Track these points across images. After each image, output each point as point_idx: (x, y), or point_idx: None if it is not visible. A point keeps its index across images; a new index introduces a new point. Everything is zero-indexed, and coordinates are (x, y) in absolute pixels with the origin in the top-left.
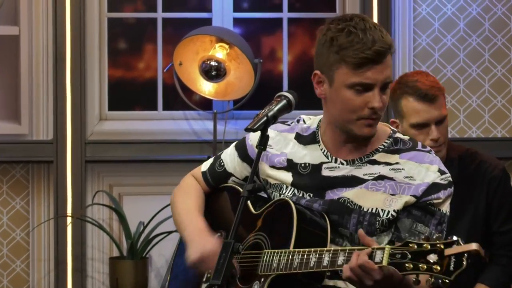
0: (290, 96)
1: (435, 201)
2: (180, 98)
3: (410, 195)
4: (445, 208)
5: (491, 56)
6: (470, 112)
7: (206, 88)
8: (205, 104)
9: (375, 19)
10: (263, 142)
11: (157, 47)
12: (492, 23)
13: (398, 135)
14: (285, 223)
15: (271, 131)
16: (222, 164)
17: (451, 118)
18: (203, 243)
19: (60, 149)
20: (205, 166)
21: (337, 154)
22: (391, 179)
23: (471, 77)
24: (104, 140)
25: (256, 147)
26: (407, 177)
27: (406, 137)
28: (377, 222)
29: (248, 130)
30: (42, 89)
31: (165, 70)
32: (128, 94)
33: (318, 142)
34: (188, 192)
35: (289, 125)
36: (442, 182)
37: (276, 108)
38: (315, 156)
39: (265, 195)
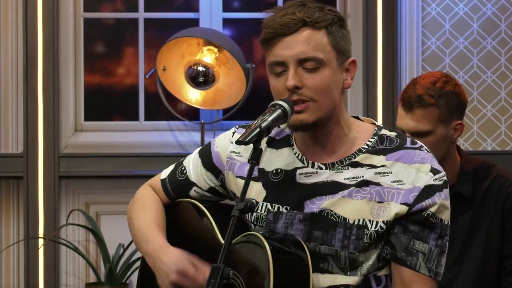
0: (285, 105)
1: (431, 209)
2: (164, 107)
3: (400, 203)
4: (445, 216)
5: (508, 60)
6: (485, 122)
7: (192, 96)
8: (192, 113)
9: (379, 20)
10: (256, 156)
11: (139, 51)
12: (509, 24)
13: (384, 132)
14: (260, 264)
15: (237, 136)
16: (184, 171)
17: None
18: (172, 258)
19: (31, 163)
20: (165, 173)
21: (314, 158)
22: (377, 184)
23: (486, 84)
24: (79, 153)
25: (249, 161)
26: (395, 181)
27: (393, 134)
28: (365, 236)
29: (239, 143)
30: (11, 97)
31: (147, 76)
32: (107, 103)
33: (292, 145)
34: (145, 205)
35: None
36: (436, 183)
37: (270, 119)
38: (288, 160)
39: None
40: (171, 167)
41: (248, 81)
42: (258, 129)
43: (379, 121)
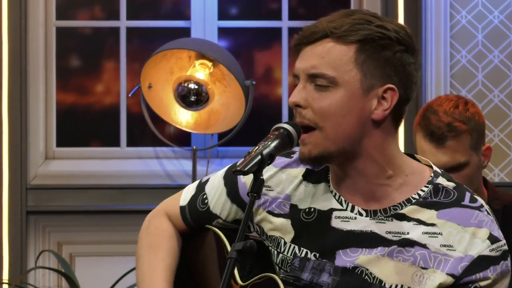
0: (291, 128)
1: (482, 284)
2: (149, 130)
3: (447, 273)
4: None
5: None
6: None
7: (183, 117)
8: (182, 138)
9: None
10: (257, 188)
11: (120, 65)
12: None
13: (441, 180)
14: None
15: (267, 168)
16: (206, 201)
17: (498, 156)
18: None
19: None
20: (184, 198)
21: (353, 200)
22: (424, 246)
23: None
24: (50, 184)
25: (248, 194)
26: (444, 245)
27: (450, 185)
28: None
29: (237, 173)
30: None
31: (130, 95)
32: (82, 126)
33: (328, 181)
34: (156, 244)
35: (292, 156)
36: (492, 254)
37: (273, 145)
38: (324, 199)
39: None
40: (192, 190)
41: (248, 100)
42: (259, 157)
43: (400, 145)
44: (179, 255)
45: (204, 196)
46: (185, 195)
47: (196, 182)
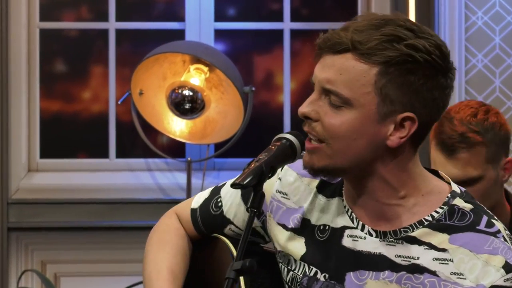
0: (293, 139)
1: None
2: (140, 141)
3: None
4: None
5: None
6: None
7: (176, 127)
8: (176, 149)
9: None
10: (257, 203)
11: (109, 70)
12: None
13: (458, 201)
14: None
15: (288, 171)
16: (220, 204)
17: None
18: None
19: None
20: (197, 200)
21: (364, 219)
22: (434, 273)
23: None
24: (34, 199)
25: (247, 209)
26: (455, 273)
27: (467, 206)
28: None
29: (235, 186)
30: None
31: (119, 102)
32: (68, 136)
33: (342, 195)
34: (164, 242)
35: None
36: (507, 284)
37: (274, 156)
38: (337, 215)
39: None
40: (206, 193)
41: (247, 108)
42: (259, 169)
43: None
44: (189, 258)
45: (219, 199)
46: (198, 198)
47: (210, 188)
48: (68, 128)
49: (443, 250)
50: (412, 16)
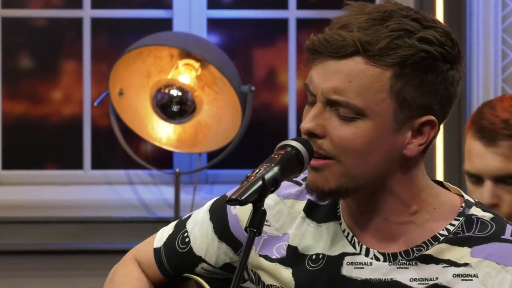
0: (300, 147)
1: None
2: (120, 149)
3: None
4: None
5: None
6: None
7: (163, 133)
8: (162, 159)
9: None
10: (257, 222)
11: (83, 66)
12: None
13: (475, 210)
14: None
15: (269, 198)
16: (187, 240)
17: None
18: None
19: None
20: (160, 238)
21: (367, 241)
22: None
23: None
24: None
25: (246, 229)
26: None
27: (486, 215)
28: None
29: (232, 202)
30: None
31: (95, 104)
32: (35, 143)
33: (338, 218)
34: None
35: (300, 184)
36: None
37: (277, 167)
38: (333, 241)
39: None
40: (170, 229)
41: (245, 111)
42: (260, 183)
43: (439, 171)
44: None
45: (185, 234)
46: (161, 235)
47: (174, 222)
48: (35, 134)
49: (465, 265)
50: (439, 5)
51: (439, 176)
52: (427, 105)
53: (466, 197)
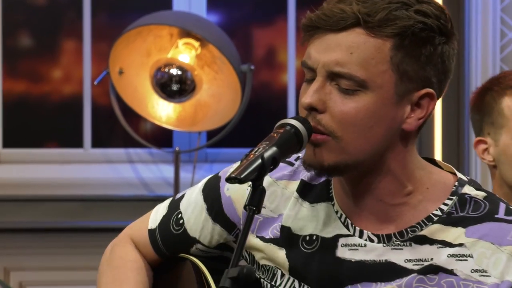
0: (299, 125)
1: None
2: (120, 128)
3: None
4: None
5: None
6: None
7: (162, 111)
8: (162, 137)
9: (438, 2)
10: (257, 200)
11: (83, 45)
12: None
13: (468, 189)
14: None
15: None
16: (181, 221)
17: None
18: None
19: None
20: (154, 219)
21: (361, 223)
22: (451, 272)
23: None
24: None
25: (245, 207)
26: (476, 270)
27: (480, 194)
28: None
29: (231, 180)
30: None
31: (96, 83)
32: (35, 122)
33: (331, 198)
34: (121, 280)
35: (293, 164)
36: None
37: (276, 146)
38: (326, 223)
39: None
40: (164, 209)
41: (245, 90)
42: (260, 162)
43: (437, 153)
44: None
45: (179, 216)
46: (155, 216)
47: (168, 200)
48: (36, 113)
49: (460, 245)
50: None
51: (438, 155)
52: (426, 78)
53: (459, 175)
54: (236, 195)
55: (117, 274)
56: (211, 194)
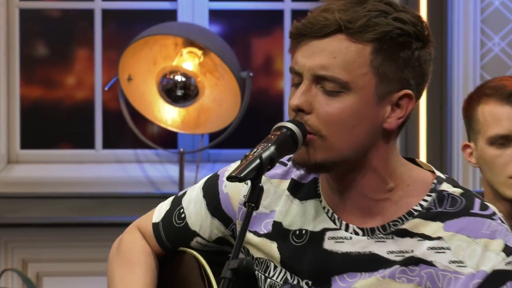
0: (295, 128)
1: None
2: (129, 130)
3: None
4: None
5: None
6: None
7: (168, 115)
8: (167, 139)
9: (422, 12)
10: (255, 197)
11: (95, 54)
12: None
13: (446, 186)
14: None
15: None
16: (183, 215)
17: None
18: None
19: None
20: (158, 213)
21: (347, 218)
22: (430, 264)
23: None
24: (14, 193)
25: (245, 204)
26: (454, 261)
27: (457, 191)
28: None
29: (232, 179)
30: None
31: (106, 89)
32: (51, 125)
33: (319, 195)
34: (132, 261)
35: (286, 164)
36: (509, 268)
37: (274, 147)
38: (315, 217)
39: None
40: (167, 205)
41: (244, 95)
42: (258, 161)
43: (422, 157)
44: (157, 274)
45: (181, 210)
46: (159, 211)
47: (171, 197)
48: (51, 117)
49: (438, 238)
50: None
51: (422, 155)
52: (405, 80)
53: (438, 173)
54: (233, 191)
55: (128, 256)
56: (210, 191)
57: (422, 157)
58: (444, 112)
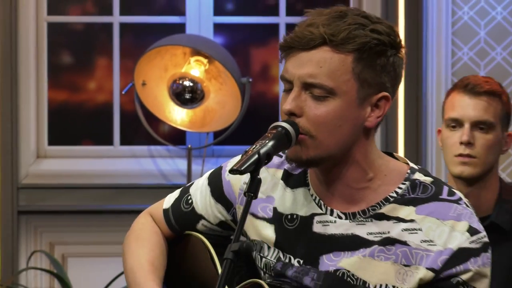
0: (289, 127)
1: (463, 277)
2: (143, 129)
3: (427, 268)
4: (482, 285)
5: None
6: None
7: (177, 116)
8: (177, 137)
9: (401, 26)
10: (254, 188)
11: (113, 62)
12: None
13: (418, 176)
14: None
15: None
16: (190, 201)
17: (502, 158)
18: None
19: None
20: (168, 201)
21: (332, 204)
22: (404, 243)
23: None
24: (42, 184)
25: (245, 194)
26: (425, 241)
27: (427, 179)
28: None
29: (233, 172)
30: None
31: (123, 92)
32: (75, 124)
33: (307, 184)
34: (141, 239)
35: (281, 156)
36: (472, 246)
37: (270, 144)
38: (304, 204)
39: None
40: (176, 193)
41: (244, 98)
42: (256, 156)
43: (400, 150)
44: (166, 254)
45: (189, 197)
46: (169, 199)
47: (179, 189)
48: (75, 117)
49: (411, 221)
50: (401, 11)
51: (401, 150)
52: (382, 83)
53: (411, 164)
54: (234, 179)
55: (139, 234)
56: (215, 180)
57: (401, 150)
58: (419, 111)
